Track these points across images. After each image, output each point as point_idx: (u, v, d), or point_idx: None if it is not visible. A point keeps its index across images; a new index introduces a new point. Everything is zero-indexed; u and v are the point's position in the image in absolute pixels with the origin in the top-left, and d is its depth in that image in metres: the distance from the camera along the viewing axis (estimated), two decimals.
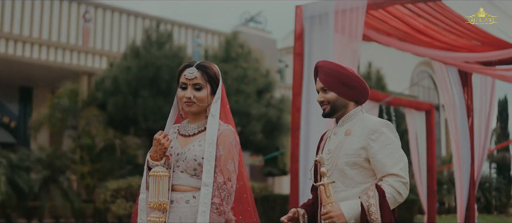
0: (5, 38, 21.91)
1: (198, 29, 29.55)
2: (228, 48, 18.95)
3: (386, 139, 3.70)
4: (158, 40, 18.81)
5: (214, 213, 3.49)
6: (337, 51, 7.50)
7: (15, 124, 27.00)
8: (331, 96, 3.83)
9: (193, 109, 3.66)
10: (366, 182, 3.73)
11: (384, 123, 3.76)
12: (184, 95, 3.64)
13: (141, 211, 3.52)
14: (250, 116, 18.31)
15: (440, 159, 29.85)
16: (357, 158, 3.71)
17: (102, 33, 26.39)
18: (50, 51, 22.98)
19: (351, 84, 3.82)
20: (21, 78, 25.74)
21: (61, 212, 18.37)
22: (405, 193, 3.66)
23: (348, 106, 3.86)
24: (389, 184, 3.62)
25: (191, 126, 3.72)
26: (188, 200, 3.56)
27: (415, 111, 12.58)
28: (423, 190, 12.39)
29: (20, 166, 17.77)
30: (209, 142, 3.56)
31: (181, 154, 3.61)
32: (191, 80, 3.63)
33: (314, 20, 7.77)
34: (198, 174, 3.58)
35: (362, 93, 3.88)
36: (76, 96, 20.63)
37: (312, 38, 7.77)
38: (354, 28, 7.40)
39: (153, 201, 3.44)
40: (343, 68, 3.88)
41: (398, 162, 3.66)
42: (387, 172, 3.64)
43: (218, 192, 3.52)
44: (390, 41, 8.33)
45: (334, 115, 3.88)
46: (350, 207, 3.57)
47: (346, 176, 3.74)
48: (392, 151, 3.68)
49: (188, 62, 3.71)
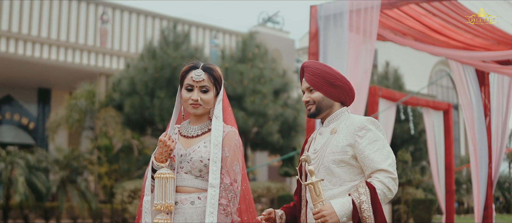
0: (23, 40, 22.06)
1: (216, 29, 29.57)
2: (245, 49, 18.92)
3: (374, 135, 3.68)
4: (174, 41, 18.84)
5: (221, 214, 3.49)
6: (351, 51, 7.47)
7: (34, 125, 27.17)
8: (316, 96, 3.82)
9: (198, 111, 3.66)
10: (353, 180, 3.70)
11: (371, 120, 3.73)
12: (190, 97, 3.62)
13: (145, 213, 3.51)
14: (267, 116, 18.29)
15: (459, 159, 29.68)
16: (343, 155, 3.68)
17: (120, 34, 26.48)
18: (68, 53, 23.11)
19: (337, 84, 3.80)
20: (39, 80, 25.91)
21: (79, 213, 18.46)
22: (395, 189, 3.63)
23: (334, 106, 3.85)
24: (379, 180, 3.59)
25: (193, 127, 3.71)
26: (193, 201, 3.56)
27: (433, 111, 12.52)
28: (441, 190, 12.31)
29: (38, 167, 17.87)
30: (214, 143, 3.57)
31: (184, 155, 3.60)
32: (198, 83, 3.62)
33: (328, 20, 7.74)
34: (203, 175, 3.58)
35: (348, 94, 3.87)
36: (93, 97, 20.73)
37: (327, 38, 7.74)
38: (369, 27, 7.36)
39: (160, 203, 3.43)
40: (329, 69, 3.86)
41: (387, 158, 3.64)
42: (376, 168, 3.61)
43: (225, 193, 3.53)
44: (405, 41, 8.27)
45: (320, 115, 3.86)
46: (342, 205, 3.52)
47: (333, 174, 3.70)
48: (380, 147, 3.65)
49: (193, 64, 3.70)
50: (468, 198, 28.04)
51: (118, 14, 26.70)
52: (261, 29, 31.10)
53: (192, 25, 28.84)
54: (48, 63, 22.66)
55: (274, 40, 30.24)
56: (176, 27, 19.53)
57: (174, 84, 17.48)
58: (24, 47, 22.04)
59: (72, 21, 25.47)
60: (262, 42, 20.07)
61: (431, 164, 12.55)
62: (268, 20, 32.66)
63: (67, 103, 20.58)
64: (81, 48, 23.60)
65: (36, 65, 22.86)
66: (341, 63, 7.48)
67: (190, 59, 13.38)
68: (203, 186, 3.58)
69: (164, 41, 18.95)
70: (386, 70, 23.76)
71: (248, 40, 19.24)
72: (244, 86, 18.61)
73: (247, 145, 20.48)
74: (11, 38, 21.81)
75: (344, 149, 3.68)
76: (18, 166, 16.84)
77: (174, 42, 18.82)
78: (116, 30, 26.40)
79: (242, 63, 18.64)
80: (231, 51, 19.85)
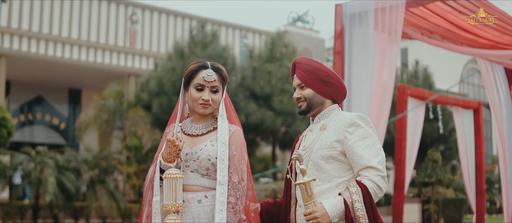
0: (53, 41, 22.26)
1: (246, 29, 29.60)
2: (273, 48, 18.90)
3: (364, 132, 3.59)
4: (202, 41, 18.88)
5: (230, 212, 3.49)
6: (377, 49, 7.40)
7: (65, 125, 27.42)
8: (307, 93, 3.76)
9: (208, 111, 3.64)
10: (342, 176, 3.62)
11: (361, 117, 3.63)
12: (201, 97, 3.60)
13: (155, 214, 3.48)
14: (295, 116, 18.25)
15: (490, 158, 29.34)
16: (332, 151, 3.60)
17: (150, 35, 26.61)
18: (97, 53, 23.29)
19: (328, 81, 3.74)
20: (70, 81, 26.15)
21: (108, 212, 18.59)
22: (385, 187, 3.54)
23: (325, 103, 3.77)
24: (369, 178, 3.50)
25: (197, 126, 3.69)
26: (200, 199, 3.55)
27: (463, 109, 12.38)
28: (471, 190, 12.17)
29: (67, 167, 18.02)
30: (221, 141, 3.56)
31: (190, 154, 3.58)
32: (210, 83, 3.61)
33: (354, 18, 7.67)
34: (210, 173, 3.57)
35: (339, 92, 3.80)
36: (121, 98, 20.85)
37: (352, 37, 7.67)
38: (394, 26, 7.27)
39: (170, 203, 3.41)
40: (321, 65, 3.79)
41: (376, 155, 3.55)
42: (365, 165, 3.52)
43: (233, 191, 3.52)
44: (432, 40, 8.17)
45: (310, 112, 3.80)
46: (333, 205, 3.43)
47: (321, 170, 3.62)
48: (369, 144, 3.56)
49: (202, 63, 3.67)
50: (500, 197, 27.69)
51: (148, 15, 26.84)
52: (291, 28, 31.07)
53: (222, 25, 28.90)
54: (78, 64, 22.86)
55: (304, 40, 30.20)
56: (204, 27, 19.56)
57: None
58: (54, 48, 22.24)
59: (102, 22, 25.66)
60: (290, 42, 20.03)
61: (462, 163, 12.41)
62: (298, 19, 32.62)
63: (96, 103, 20.72)
64: (111, 49, 23.77)
65: (66, 66, 23.08)
66: (366, 62, 7.41)
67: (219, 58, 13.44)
68: (210, 185, 3.57)
69: (192, 41, 19.00)
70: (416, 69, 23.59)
71: (276, 39, 19.22)
72: (272, 85, 18.60)
73: (275, 144, 20.47)
74: (42, 40, 22.04)
75: (332, 145, 3.60)
76: (47, 166, 16.99)
77: (202, 42, 18.85)
78: (146, 30, 26.54)
79: (270, 62, 18.63)
80: (259, 51, 19.85)
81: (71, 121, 26.82)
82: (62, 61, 22.53)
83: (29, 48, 21.73)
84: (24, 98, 26.54)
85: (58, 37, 23.19)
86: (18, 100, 26.26)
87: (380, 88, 7.32)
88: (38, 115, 27.11)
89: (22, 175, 17.69)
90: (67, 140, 27.30)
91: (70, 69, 23.82)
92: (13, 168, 17.61)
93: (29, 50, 21.72)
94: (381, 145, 7.15)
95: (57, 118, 27.57)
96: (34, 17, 24.84)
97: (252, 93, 18.91)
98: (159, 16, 27.63)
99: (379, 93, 7.29)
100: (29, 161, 17.20)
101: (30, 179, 17.17)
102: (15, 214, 18.16)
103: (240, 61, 21.74)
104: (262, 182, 21.38)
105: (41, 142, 25.40)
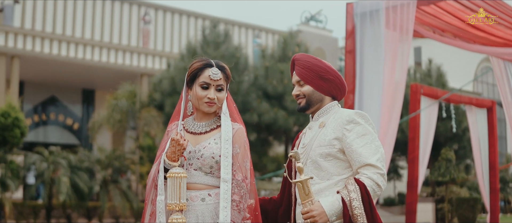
0: (66, 41, 22.33)
1: (259, 28, 29.61)
2: (285, 48, 18.88)
3: (362, 129, 3.54)
4: (214, 41, 18.88)
5: (234, 210, 3.47)
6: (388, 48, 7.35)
7: (78, 125, 27.51)
8: (306, 90, 3.70)
9: (212, 109, 3.63)
10: (341, 174, 3.56)
11: (360, 114, 3.57)
12: (206, 95, 3.58)
13: (160, 213, 3.46)
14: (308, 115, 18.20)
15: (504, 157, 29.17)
16: (331, 148, 3.55)
17: (163, 35, 26.66)
18: (110, 53, 23.35)
19: (327, 78, 3.69)
20: (83, 81, 26.24)
21: (121, 212, 18.63)
22: (384, 185, 3.49)
23: (324, 100, 3.72)
24: (367, 176, 3.45)
25: (200, 124, 3.67)
26: (204, 198, 3.52)
27: (476, 108, 12.31)
28: (485, 189, 12.10)
29: (80, 167, 18.08)
30: (225, 139, 3.54)
31: (193, 152, 3.56)
32: (215, 81, 3.59)
33: (365, 17, 7.62)
34: (214, 171, 3.55)
35: (339, 88, 3.74)
36: (133, 98, 20.89)
37: (363, 36, 7.63)
38: (405, 24, 7.23)
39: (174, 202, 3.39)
40: (320, 62, 3.73)
41: (375, 152, 3.50)
42: (363, 162, 3.47)
43: (237, 189, 3.50)
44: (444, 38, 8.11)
45: (310, 109, 3.74)
46: (331, 204, 3.38)
47: (320, 168, 3.58)
48: (368, 141, 3.51)
49: (206, 61, 3.66)
50: None
51: (160, 15, 26.90)
52: (304, 28, 31.05)
53: (235, 25, 28.92)
54: (91, 64, 22.93)
55: (317, 39, 30.17)
56: (216, 27, 19.56)
57: None
58: (68, 48, 22.31)
59: (115, 22, 25.73)
60: (303, 41, 20.00)
61: (475, 162, 12.34)
62: (311, 19, 32.58)
63: (108, 103, 20.77)
64: (124, 49, 23.83)
65: (79, 66, 23.15)
66: (378, 61, 7.37)
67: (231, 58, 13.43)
68: (213, 183, 3.55)
69: (205, 41, 19.01)
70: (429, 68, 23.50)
71: (289, 39, 19.19)
72: (284, 85, 18.57)
73: (288, 143, 20.43)
74: (55, 40, 22.12)
75: (331, 142, 3.55)
76: (60, 166, 17.06)
77: (214, 41, 18.85)
78: (159, 30, 26.59)
79: (283, 62, 18.61)
80: (272, 50, 19.83)
81: (85, 121, 26.91)
82: (75, 62, 22.60)
83: (43, 49, 21.81)
84: (38, 98, 26.65)
85: (71, 37, 23.27)
86: (32, 100, 26.38)
87: (391, 87, 7.27)
88: (51, 115, 27.22)
89: (36, 175, 17.77)
90: (81, 140, 27.39)
91: (83, 70, 23.90)
92: (26, 168, 17.70)
93: (42, 50, 21.80)
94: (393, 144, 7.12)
95: (71, 118, 27.67)
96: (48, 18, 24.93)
97: (264, 92, 18.89)
98: (172, 16, 27.68)
99: (391, 92, 7.25)
100: (42, 161, 17.27)
101: (43, 179, 17.24)
102: (29, 214, 18.25)
103: (253, 61, 21.74)
104: (275, 182, 21.35)
105: (55, 142, 25.50)
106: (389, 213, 25.39)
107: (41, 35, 22.14)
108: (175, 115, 3.80)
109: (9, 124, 16.76)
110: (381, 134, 7.15)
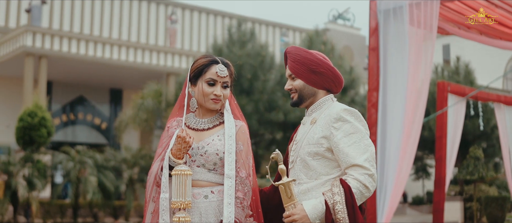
0: (94, 41, 22.45)
1: (286, 27, 29.57)
2: (310, 46, 18.81)
3: (351, 127, 3.40)
4: (240, 39, 18.85)
5: (238, 207, 3.44)
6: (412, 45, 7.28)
7: (106, 125, 27.67)
8: (298, 84, 3.60)
9: (217, 106, 3.60)
10: (329, 174, 3.44)
11: (349, 111, 3.45)
12: (213, 92, 3.54)
13: (163, 211, 3.42)
14: None
15: None
16: (318, 147, 3.44)
17: (190, 34, 26.73)
18: (137, 53, 23.44)
19: (319, 71, 3.56)
20: (111, 81, 26.39)
21: None
22: (373, 186, 3.34)
23: (317, 94, 3.61)
24: (354, 177, 3.32)
25: (202, 120, 3.64)
26: (207, 195, 3.48)
27: (505, 106, 12.15)
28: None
29: (106, 166, 18.16)
30: (229, 135, 3.51)
31: (196, 149, 3.53)
32: (222, 78, 3.56)
33: (388, 14, 7.55)
34: (217, 168, 3.51)
35: (332, 81, 3.60)
36: (159, 97, 20.94)
37: (387, 33, 7.57)
38: (429, 21, 7.15)
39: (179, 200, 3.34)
40: (311, 55, 3.61)
41: (363, 152, 3.36)
42: (350, 163, 3.33)
43: (241, 186, 3.48)
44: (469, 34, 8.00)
45: (302, 104, 3.65)
46: (314, 207, 3.29)
47: (309, 167, 3.47)
48: (356, 140, 3.38)
49: (212, 58, 3.63)
50: None
51: (187, 14, 26.97)
52: (331, 26, 30.98)
53: (262, 24, 28.91)
54: (118, 64, 23.03)
55: (345, 37, 30.07)
56: (242, 26, 19.54)
57: (240, 82, 17.49)
58: (95, 48, 22.44)
59: (142, 22, 25.85)
60: (329, 39, 19.92)
61: (505, 160, 12.17)
62: (338, 17, 32.47)
63: (134, 103, 20.86)
64: (151, 49, 23.91)
65: (107, 66, 23.28)
66: (402, 58, 7.30)
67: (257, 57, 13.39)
68: (216, 180, 3.51)
69: (230, 40, 19.00)
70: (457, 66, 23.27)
71: (314, 37, 19.11)
72: None
73: None
74: (82, 40, 22.25)
75: (319, 141, 3.44)
76: (87, 165, 17.15)
77: (240, 40, 18.83)
78: (185, 30, 26.66)
79: None
80: None
81: (113, 120, 27.07)
82: (103, 62, 22.72)
83: (70, 49, 21.95)
84: (66, 98, 26.85)
85: (99, 37, 23.40)
86: (60, 100, 26.58)
87: (416, 85, 7.20)
88: (80, 115, 27.41)
89: (63, 174, 17.89)
90: (109, 139, 27.56)
91: (111, 70, 24.02)
92: (53, 167, 17.83)
93: (70, 51, 21.94)
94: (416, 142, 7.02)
95: (99, 117, 27.85)
96: (75, 18, 25.13)
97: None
98: (199, 15, 27.75)
99: (415, 90, 7.17)
100: (69, 160, 17.38)
101: (69, 178, 17.36)
102: (56, 212, 18.38)
103: (280, 59, 21.73)
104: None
105: (83, 141, 25.69)
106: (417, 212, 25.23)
107: (69, 35, 22.29)
108: (175, 111, 3.75)
109: (35, 123, 16.90)
110: (405, 132, 7.08)
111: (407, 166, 7.23)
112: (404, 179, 7.21)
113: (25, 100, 20.42)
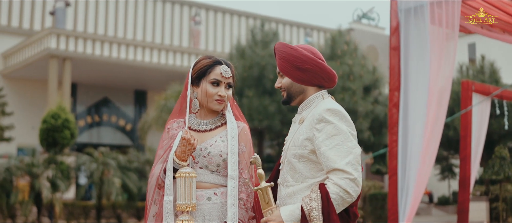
0: (117, 43, 22.57)
1: (310, 27, 29.52)
2: (334, 46, 18.72)
3: (333, 128, 3.21)
4: (262, 40, 18.82)
5: (241, 208, 3.44)
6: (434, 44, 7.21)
7: (131, 126, 27.81)
8: (285, 82, 3.46)
9: (221, 107, 3.58)
10: (315, 177, 3.29)
11: (332, 111, 3.26)
12: (217, 92, 3.52)
13: (167, 214, 3.40)
14: (357, 113, 18.01)
15: None
16: (302, 150, 3.30)
17: (214, 35, 26.78)
18: (161, 54, 23.53)
19: (304, 67, 3.38)
20: (135, 82, 26.52)
21: None
22: (355, 191, 3.17)
23: (307, 91, 3.46)
24: (334, 182, 3.15)
25: (204, 121, 3.61)
26: (210, 197, 3.46)
27: None
28: None
29: (129, 167, 18.21)
30: (231, 136, 3.50)
31: (199, 150, 3.50)
32: (226, 79, 3.55)
33: (409, 13, 7.50)
34: (220, 170, 3.49)
35: (321, 77, 3.42)
36: None
37: (408, 32, 7.51)
38: (451, 19, 7.08)
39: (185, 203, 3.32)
40: (295, 51, 3.42)
41: (346, 155, 3.17)
42: (331, 167, 3.16)
43: (244, 188, 3.47)
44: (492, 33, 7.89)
45: (292, 102, 3.51)
46: (291, 213, 3.18)
47: (295, 170, 3.34)
48: (338, 143, 3.19)
49: (215, 58, 3.60)
50: None
51: (211, 15, 27.02)
52: (356, 26, 30.86)
53: (286, 24, 28.89)
54: (143, 66, 23.14)
55: (369, 37, 29.94)
56: (264, 26, 19.51)
57: (262, 83, 17.46)
58: (119, 50, 22.55)
59: (166, 23, 25.95)
60: (352, 39, 19.82)
61: None
62: (363, 16, 32.33)
63: (157, 104, 20.92)
64: (175, 50, 24.00)
65: (131, 67, 23.39)
66: (423, 57, 7.24)
67: None
68: (219, 181, 3.49)
69: (253, 40, 18.97)
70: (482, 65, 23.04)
71: (337, 37, 19.03)
72: None
73: None
74: (106, 42, 22.37)
75: (303, 143, 3.30)
76: (109, 166, 17.23)
77: (263, 40, 18.79)
78: (209, 31, 26.71)
79: (331, 60, 18.45)
80: (319, 49, 19.70)
81: (137, 122, 27.19)
82: (127, 63, 22.83)
83: (94, 51, 22.09)
84: (90, 100, 27.02)
85: (123, 39, 23.52)
86: (84, 102, 26.76)
87: (438, 84, 7.13)
88: (104, 117, 27.58)
89: (87, 176, 17.99)
90: (134, 140, 27.69)
91: (135, 71, 24.13)
92: (77, 168, 17.93)
93: (94, 52, 22.08)
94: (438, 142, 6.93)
95: (123, 119, 27.99)
96: (99, 20, 25.29)
97: None
98: (223, 16, 27.80)
99: (437, 90, 7.10)
100: (92, 162, 17.46)
101: (93, 180, 17.45)
102: (79, 214, 18.48)
103: None
104: None
105: (108, 143, 25.85)
106: (443, 212, 25.04)
107: (93, 37, 22.43)
108: (175, 112, 3.73)
109: (59, 125, 17.01)
110: (427, 132, 7.02)
111: (428, 166, 7.16)
112: (426, 179, 7.15)
113: (50, 103, 20.57)
